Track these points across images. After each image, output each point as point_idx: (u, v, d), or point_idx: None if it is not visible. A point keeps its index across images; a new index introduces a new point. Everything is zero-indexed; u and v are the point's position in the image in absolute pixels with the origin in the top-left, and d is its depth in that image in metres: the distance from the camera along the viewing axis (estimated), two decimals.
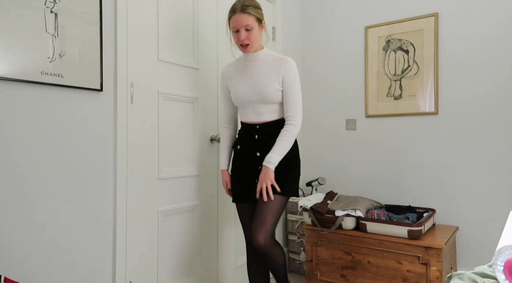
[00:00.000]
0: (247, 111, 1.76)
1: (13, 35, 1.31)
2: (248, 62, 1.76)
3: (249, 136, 1.76)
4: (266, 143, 1.71)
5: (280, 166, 1.67)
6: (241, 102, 1.75)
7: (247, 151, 1.77)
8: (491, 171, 2.27)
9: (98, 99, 1.60)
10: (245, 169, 1.77)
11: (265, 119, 1.73)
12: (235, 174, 1.83)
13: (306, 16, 3.05)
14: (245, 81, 1.73)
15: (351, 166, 2.81)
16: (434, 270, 1.95)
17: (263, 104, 1.71)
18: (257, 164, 1.73)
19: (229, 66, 1.85)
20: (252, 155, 1.75)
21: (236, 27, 1.64)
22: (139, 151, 1.76)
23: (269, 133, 1.71)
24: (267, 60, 1.74)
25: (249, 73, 1.74)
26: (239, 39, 1.66)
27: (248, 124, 1.77)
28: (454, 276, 0.77)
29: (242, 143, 1.80)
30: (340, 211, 2.22)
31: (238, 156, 1.82)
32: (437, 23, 2.44)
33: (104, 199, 1.62)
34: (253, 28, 1.65)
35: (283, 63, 1.70)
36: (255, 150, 1.74)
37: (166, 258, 1.89)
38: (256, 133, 1.73)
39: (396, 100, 2.60)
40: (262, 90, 1.68)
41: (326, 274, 2.30)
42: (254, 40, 1.68)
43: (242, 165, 1.79)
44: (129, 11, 1.71)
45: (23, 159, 1.35)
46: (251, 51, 1.71)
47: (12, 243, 1.32)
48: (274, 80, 1.69)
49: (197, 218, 2.07)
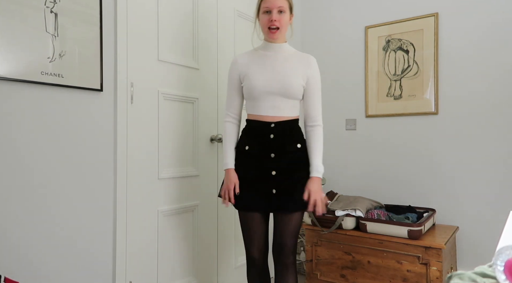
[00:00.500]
0: (263, 104, 1.58)
1: (13, 35, 1.31)
2: (269, 51, 1.64)
3: (261, 135, 1.58)
4: (282, 144, 1.57)
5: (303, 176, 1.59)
6: (258, 93, 1.57)
7: (259, 153, 1.58)
8: (491, 171, 2.27)
9: (98, 99, 1.60)
10: (257, 174, 1.58)
11: (283, 115, 1.59)
12: (244, 179, 1.60)
13: (306, 16, 3.05)
14: (267, 71, 1.59)
15: (351, 166, 2.81)
16: (434, 270, 1.95)
17: (283, 98, 1.58)
18: (270, 168, 1.56)
19: (243, 55, 1.69)
20: (265, 157, 1.57)
21: (269, 8, 1.55)
22: (139, 151, 1.76)
23: (285, 133, 1.58)
24: (291, 54, 1.65)
25: (271, 63, 1.61)
26: (269, 20, 1.55)
27: (260, 121, 1.59)
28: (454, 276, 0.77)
29: (252, 143, 1.60)
30: (340, 211, 2.22)
31: (246, 158, 1.62)
32: (437, 23, 2.44)
33: (104, 199, 1.62)
34: (285, 12, 1.57)
35: (310, 60, 1.65)
36: (269, 151, 1.57)
37: (166, 258, 1.89)
38: (272, 133, 1.57)
39: (396, 100, 2.60)
40: (287, 82, 1.56)
41: (326, 274, 2.30)
42: (284, 25, 1.59)
43: (252, 169, 1.59)
44: (129, 11, 1.71)
45: (23, 159, 1.35)
46: (278, 38, 1.61)
47: (12, 243, 1.32)
48: (299, 74, 1.59)
49: (197, 218, 2.07)
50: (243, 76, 1.63)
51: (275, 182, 1.56)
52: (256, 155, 1.59)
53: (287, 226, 1.59)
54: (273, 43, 1.64)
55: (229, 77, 1.69)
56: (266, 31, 1.60)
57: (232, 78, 1.68)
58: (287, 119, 1.60)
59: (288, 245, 1.60)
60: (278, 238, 1.62)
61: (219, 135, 2.16)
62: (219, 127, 2.21)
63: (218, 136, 2.15)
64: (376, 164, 2.69)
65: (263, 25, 1.60)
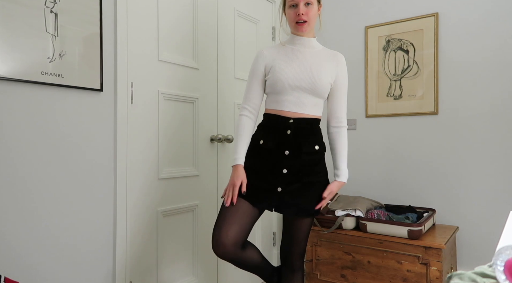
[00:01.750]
0: (287, 98, 1.50)
1: (13, 35, 1.31)
2: (298, 46, 1.55)
3: (278, 130, 1.50)
4: (298, 142, 1.48)
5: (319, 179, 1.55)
6: (284, 87, 1.48)
7: (274, 148, 1.49)
8: (491, 171, 2.27)
9: (98, 99, 1.60)
10: (269, 170, 1.49)
11: (304, 113, 1.50)
12: (252, 171, 1.50)
13: None
14: (296, 65, 1.50)
15: (351, 166, 2.80)
16: (434, 270, 1.95)
17: (309, 95, 1.50)
18: (282, 166, 1.47)
19: (270, 48, 1.60)
20: (279, 154, 1.48)
21: (296, 1, 1.46)
22: (139, 151, 1.76)
23: (302, 132, 1.50)
24: (320, 50, 1.58)
25: (301, 57, 1.52)
26: (296, 13, 1.47)
27: (279, 116, 1.51)
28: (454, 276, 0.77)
29: (268, 137, 1.51)
30: (340, 211, 2.22)
31: (260, 152, 1.52)
32: (437, 23, 2.44)
33: (104, 199, 1.62)
34: (312, 4, 1.49)
35: (340, 58, 1.59)
36: (285, 147, 1.48)
37: (166, 258, 1.89)
38: (289, 128, 1.48)
39: (396, 100, 2.60)
40: (316, 78, 1.48)
41: (326, 274, 2.30)
42: (313, 18, 1.51)
43: (263, 164, 1.50)
44: (129, 11, 1.71)
45: (23, 159, 1.35)
46: (306, 32, 1.53)
47: (12, 243, 1.32)
48: (328, 72, 1.52)
49: (197, 218, 2.07)
50: (269, 68, 1.53)
51: (284, 181, 1.47)
52: (270, 150, 1.49)
53: (297, 231, 1.55)
54: (301, 36, 1.55)
55: (253, 69, 1.58)
56: (293, 25, 1.52)
57: (257, 70, 1.57)
58: (309, 117, 1.52)
59: (297, 252, 1.57)
60: (287, 242, 1.59)
61: (219, 135, 2.16)
62: (219, 127, 2.21)
63: (218, 136, 2.15)
64: (376, 164, 2.69)
65: (290, 19, 1.51)
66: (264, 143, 1.51)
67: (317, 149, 1.53)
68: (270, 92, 1.55)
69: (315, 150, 1.52)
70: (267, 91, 1.58)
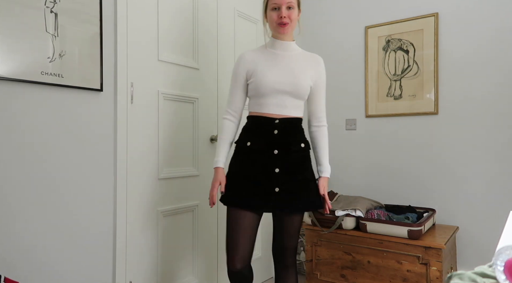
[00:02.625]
0: (269, 101, 1.55)
1: (13, 35, 1.31)
2: (278, 50, 1.61)
3: (265, 130, 1.54)
4: (285, 141, 1.54)
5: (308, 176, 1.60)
6: (267, 90, 1.53)
7: (262, 149, 1.53)
8: (491, 171, 2.27)
9: (98, 99, 1.60)
10: (260, 171, 1.52)
11: (288, 114, 1.56)
12: (243, 176, 1.54)
13: (306, 16, 3.05)
14: (278, 69, 1.56)
15: (351, 166, 2.80)
16: (434, 270, 1.95)
17: (291, 97, 1.56)
18: (274, 165, 1.52)
19: (251, 51, 1.64)
20: (269, 154, 1.52)
21: (278, 4, 1.52)
22: (139, 151, 1.76)
23: (288, 130, 1.56)
24: (299, 53, 1.64)
25: (282, 61, 1.59)
26: (279, 16, 1.53)
27: (264, 117, 1.55)
28: (454, 276, 0.77)
29: (254, 139, 1.55)
30: (340, 211, 2.22)
31: (248, 154, 1.55)
32: (437, 23, 2.44)
33: (104, 199, 1.62)
34: (294, 8, 1.55)
35: (319, 61, 1.66)
36: (273, 147, 1.52)
37: (166, 258, 1.89)
38: (276, 128, 1.53)
39: (396, 100, 2.60)
40: (298, 81, 1.55)
41: (326, 274, 2.30)
42: (294, 21, 1.57)
43: (254, 165, 1.53)
44: (129, 11, 1.71)
45: (23, 159, 1.35)
46: (287, 33, 1.58)
47: (11, 243, 1.32)
48: (308, 75, 1.59)
49: (197, 218, 2.07)
50: (251, 72, 1.58)
51: (278, 181, 1.51)
52: (259, 151, 1.53)
53: (290, 227, 1.58)
54: (281, 41, 1.61)
55: (235, 73, 1.63)
56: (275, 27, 1.57)
57: (238, 74, 1.62)
58: (292, 117, 1.57)
59: (290, 247, 1.60)
60: (280, 239, 1.61)
61: None
62: (219, 126, 2.21)
63: (218, 136, 2.15)
64: (376, 164, 2.69)
65: (272, 21, 1.56)
66: (253, 144, 1.55)
67: (303, 147, 1.59)
68: (253, 96, 1.59)
69: (302, 148, 1.59)
70: (249, 94, 1.62)
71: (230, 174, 1.59)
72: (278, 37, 1.61)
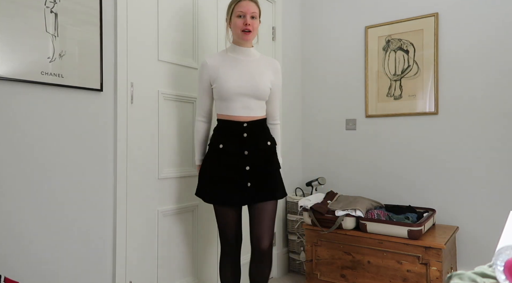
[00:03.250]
0: (235, 105, 1.68)
1: (13, 35, 1.31)
2: (239, 55, 1.75)
3: (235, 134, 1.69)
4: (254, 142, 1.71)
5: (274, 169, 1.78)
6: (230, 95, 1.67)
7: (233, 151, 1.68)
8: (491, 171, 2.27)
9: (98, 99, 1.60)
10: (233, 170, 1.68)
11: (255, 115, 1.71)
12: (217, 175, 1.69)
13: (306, 16, 3.05)
14: (238, 74, 1.69)
15: (351, 166, 2.80)
16: (434, 270, 1.95)
17: (254, 100, 1.70)
18: (244, 164, 1.68)
19: (212, 57, 1.76)
20: (240, 155, 1.68)
21: (243, 12, 1.66)
22: (139, 151, 1.76)
23: (256, 132, 1.72)
24: (258, 58, 1.79)
25: (242, 66, 1.72)
26: (244, 23, 1.67)
27: (233, 121, 1.69)
28: (454, 276, 0.77)
29: (226, 141, 1.69)
30: (340, 211, 2.22)
31: (221, 155, 1.70)
32: (437, 23, 2.44)
33: (104, 199, 1.62)
34: (257, 18, 1.71)
35: (276, 65, 1.81)
36: (243, 148, 1.68)
37: (166, 258, 1.89)
38: (245, 131, 1.69)
39: (396, 100, 2.60)
40: (258, 85, 1.69)
41: (326, 274, 2.30)
42: (256, 29, 1.72)
43: (227, 166, 1.68)
44: (129, 11, 1.71)
45: (23, 159, 1.35)
46: (250, 40, 1.73)
47: (11, 243, 1.32)
48: (267, 78, 1.74)
49: (197, 218, 2.07)
50: (214, 78, 1.71)
51: (249, 176, 1.68)
52: (231, 152, 1.69)
53: (264, 214, 1.71)
54: (242, 47, 1.75)
55: (199, 79, 1.77)
56: (239, 33, 1.69)
57: (203, 80, 1.75)
58: (258, 119, 1.73)
59: (266, 233, 1.70)
60: (256, 227, 1.71)
61: None
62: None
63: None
64: (376, 164, 2.69)
65: (236, 27, 1.69)
66: (225, 147, 1.69)
67: (269, 145, 1.77)
68: (218, 99, 1.73)
69: (268, 146, 1.76)
70: (215, 97, 1.75)
71: (206, 172, 1.74)
72: (240, 44, 1.74)
